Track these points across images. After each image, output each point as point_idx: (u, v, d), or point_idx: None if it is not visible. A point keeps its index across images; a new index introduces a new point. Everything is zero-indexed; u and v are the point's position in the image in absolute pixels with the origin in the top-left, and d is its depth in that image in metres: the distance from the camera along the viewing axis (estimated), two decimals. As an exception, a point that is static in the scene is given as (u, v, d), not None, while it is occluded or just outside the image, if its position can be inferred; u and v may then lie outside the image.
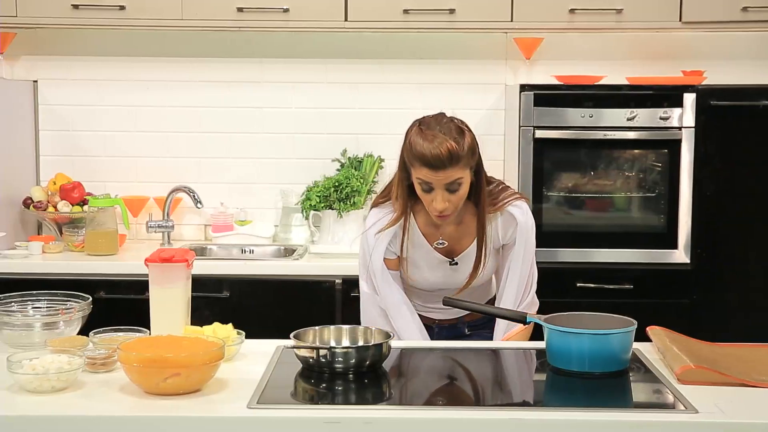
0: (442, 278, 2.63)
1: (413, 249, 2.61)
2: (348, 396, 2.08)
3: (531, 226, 2.63)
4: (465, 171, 2.44)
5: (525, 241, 2.61)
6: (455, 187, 2.43)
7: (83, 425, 1.85)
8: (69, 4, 3.69)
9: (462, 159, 2.41)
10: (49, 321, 2.27)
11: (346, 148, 4.07)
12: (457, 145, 2.40)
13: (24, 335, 2.25)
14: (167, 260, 2.30)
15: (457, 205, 2.48)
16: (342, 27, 3.74)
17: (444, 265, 2.62)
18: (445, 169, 2.39)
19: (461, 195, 2.47)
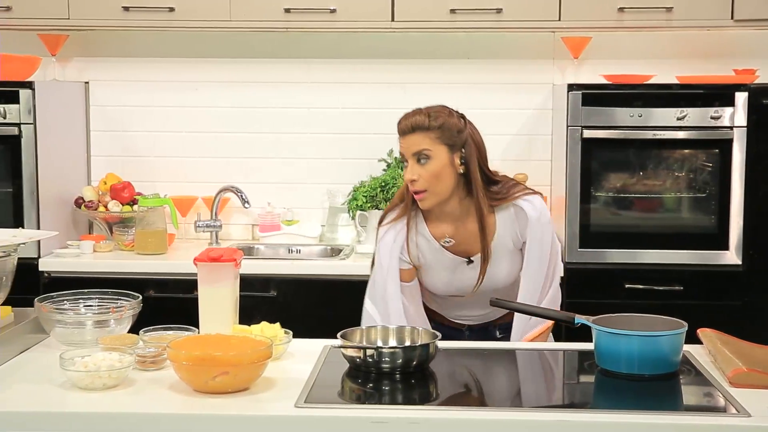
0: (459, 281, 2.61)
1: (423, 249, 2.60)
2: (395, 396, 2.08)
3: (546, 221, 2.58)
4: (436, 145, 2.48)
5: (540, 237, 2.56)
6: (423, 158, 2.47)
7: (133, 422, 1.87)
8: (119, 6, 3.73)
9: (429, 129, 2.47)
10: (100, 319, 2.30)
11: (392, 149, 4.06)
12: (428, 117, 2.49)
13: (76, 333, 2.28)
14: (216, 260, 2.31)
15: (429, 181, 2.48)
16: (389, 27, 3.75)
17: (461, 266, 2.60)
18: (411, 134, 2.48)
19: (431, 170, 2.47)
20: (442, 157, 2.48)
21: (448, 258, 2.60)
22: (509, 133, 4.11)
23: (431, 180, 2.48)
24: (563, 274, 2.88)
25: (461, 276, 2.61)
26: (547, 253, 2.58)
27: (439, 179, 2.49)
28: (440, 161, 2.48)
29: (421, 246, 2.61)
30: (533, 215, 2.55)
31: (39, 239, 3.32)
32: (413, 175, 2.48)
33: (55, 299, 2.38)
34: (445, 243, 2.59)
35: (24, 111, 3.62)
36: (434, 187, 2.49)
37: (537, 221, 2.55)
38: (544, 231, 2.57)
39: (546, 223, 2.58)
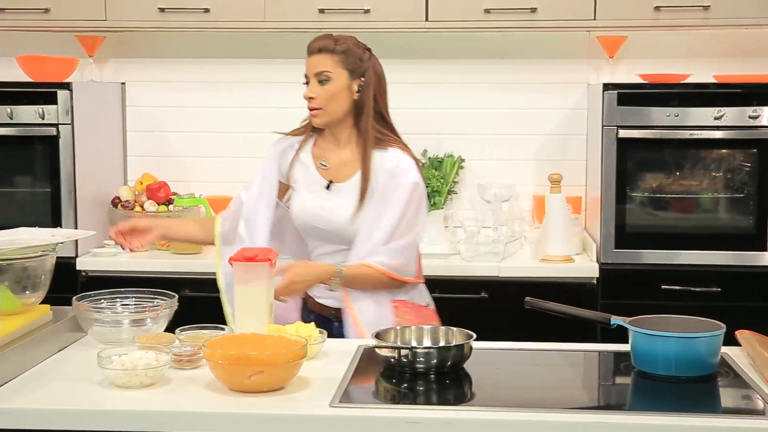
0: (317, 208, 2.69)
1: (299, 166, 2.75)
2: (429, 396, 2.07)
3: (408, 182, 2.63)
4: (337, 69, 2.64)
5: (397, 194, 2.61)
6: (323, 78, 2.63)
7: (169, 421, 1.89)
8: (155, 8, 3.76)
9: (334, 53, 2.64)
10: (137, 318, 2.32)
11: (426, 149, 4.06)
12: (334, 42, 2.66)
13: (113, 332, 2.30)
14: (251, 259, 2.32)
15: (327, 100, 2.63)
16: (423, 27, 3.74)
17: (321, 191, 2.70)
18: (317, 54, 2.66)
19: (329, 91, 2.63)
20: (341, 80, 2.64)
21: (314, 179, 2.72)
22: (543, 133, 4.09)
23: (328, 99, 2.64)
24: None
25: (319, 202, 2.70)
26: (398, 211, 2.62)
27: (335, 100, 2.65)
28: (339, 84, 2.64)
29: (299, 163, 2.76)
30: (393, 165, 2.64)
31: (76, 239, 3.36)
32: (312, 93, 2.65)
33: (93, 298, 2.40)
34: (321, 165, 2.73)
35: (62, 112, 3.66)
36: (329, 107, 2.65)
37: (395, 171, 2.63)
38: (400, 186, 2.62)
39: (407, 184, 2.63)
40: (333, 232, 2.69)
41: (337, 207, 2.68)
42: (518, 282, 3.55)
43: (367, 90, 2.68)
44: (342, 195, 2.69)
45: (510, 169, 4.08)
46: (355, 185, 2.67)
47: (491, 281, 3.58)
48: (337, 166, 2.72)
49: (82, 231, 2.55)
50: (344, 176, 2.71)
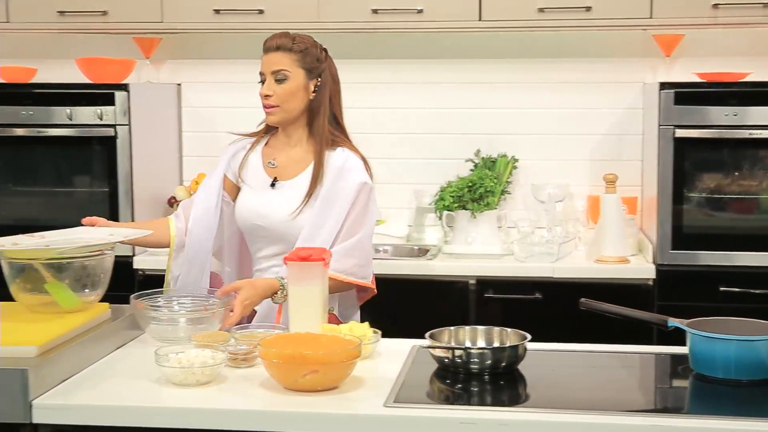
0: (259, 205, 2.66)
1: (248, 166, 2.74)
2: (483, 397, 2.07)
3: (355, 182, 2.62)
4: (295, 68, 2.63)
5: (340, 187, 2.60)
6: (280, 77, 2.62)
7: (225, 418, 1.90)
8: (211, 10, 3.80)
9: (292, 51, 2.63)
10: (193, 317, 2.34)
11: (479, 149, 4.05)
12: (292, 41, 2.65)
13: (170, 330, 2.33)
14: (305, 259, 2.33)
15: (282, 98, 2.62)
16: (476, 27, 3.73)
17: (265, 189, 2.68)
18: (275, 52, 2.64)
19: (286, 89, 2.62)
20: (298, 79, 2.64)
21: (260, 178, 2.71)
22: (598, 133, 4.06)
23: (284, 97, 2.63)
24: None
25: (264, 200, 2.67)
26: (344, 211, 2.60)
27: (292, 98, 2.64)
28: (296, 82, 2.64)
29: (248, 163, 2.74)
30: (348, 167, 2.64)
31: (133, 237, 3.39)
32: (269, 90, 2.64)
33: (150, 297, 2.43)
34: (269, 164, 2.72)
35: (119, 112, 3.72)
36: (285, 105, 2.64)
37: (349, 173, 2.63)
38: (349, 189, 2.61)
39: (355, 183, 2.62)
40: (274, 230, 2.65)
41: (279, 204, 2.64)
42: (572, 283, 3.52)
43: (323, 90, 2.68)
44: (286, 193, 2.66)
45: (564, 169, 4.05)
46: (302, 183, 2.65)
47: (545, 282, 3.56)
48: (285, 164, 2.70)
49: (140, 230, 2.58)
50: (291, 174, 2.69)
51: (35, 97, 3.78)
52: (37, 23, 3.89)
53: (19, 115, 3.76)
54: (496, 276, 3.58)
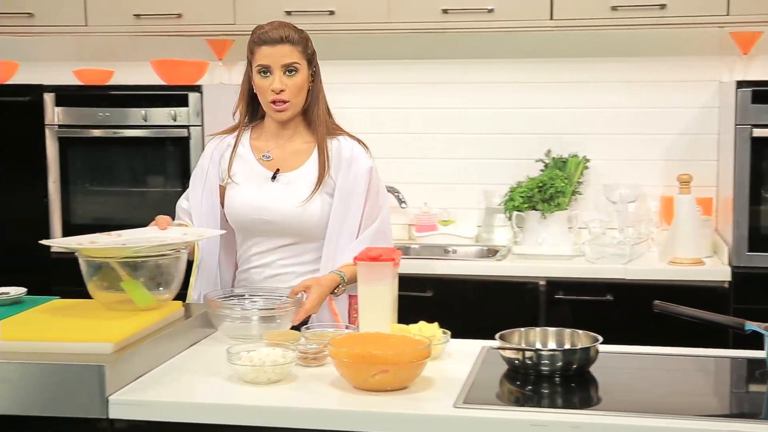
0: (263, 200, 2.58)
1: (238, 161, 2.64)
2: (554, 399, 2.05)
3: (364, 169, 2.60)
4: (302, 60, 2.56)
5: (353, 178, 2.58)
6: (292, 69, 2.53)
7: (295, 417, 1.92)
8: (282, 11, 3.84)
9: (297, 41, 2.55)
10: (265, 315, 2.36)
11: (550, 149, 4.02)
12: (294, 31, 2.57)
13: (242, 328, 2.35)
14: (375, 259, 2.34)
15: (294, 93, 2.54)
16: (547, 26, 3.70)
17: (265, 183, 2.60)
18: (281, 44, 2.53)
19: (297, 83, 2.54)
20: (304, 71, 2.58)
21: (256, 172, 2.62)
22: (672, 133, 3.99)
23: (296, 91, 2.56)
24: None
25: (267, 194, 2.59)
26: (362, 201, 2.59)
27: (301, 92, 2.58)
28: (303, 75, 2.57)
29: (238, 158, 2.65)
30: (355, 155, 2.61)
31: (207, 237, 3.44)
32: (282, 85, 2.53)
33: (224, 295, 2.47)
34: (264, 158, 2.63)
35: (193, 113, 3.78)
36: (296, 99, 2.57)
37: (358, 162, 2.60)
38: (362, 177, 2.59)
39: (364, 170, 2.60)
40: (281, 223, 2.58)
41: (286, 196, 2.58)
42: (645, 284, 3.47)
43: (319, 79, 2.63)
44: (291, 185, 2.60)
45: (636, 170, 3.99)
46: (307, 173, 2.60)
47: (617, 283, 3.51)
48: (284, 157, 2.63)
49: (212, 230, 2.62)
50: (293, 165, 2.62)
51: (112, 98, 3.86)
52: (114, 26, 3.97)
53: (96, 116, 3.85)
54: (566, 277, 3.55)
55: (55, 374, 1.95)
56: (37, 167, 3.88)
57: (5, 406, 1.97)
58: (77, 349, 2.02)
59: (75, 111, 3.87)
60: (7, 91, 3.94)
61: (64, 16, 3.99)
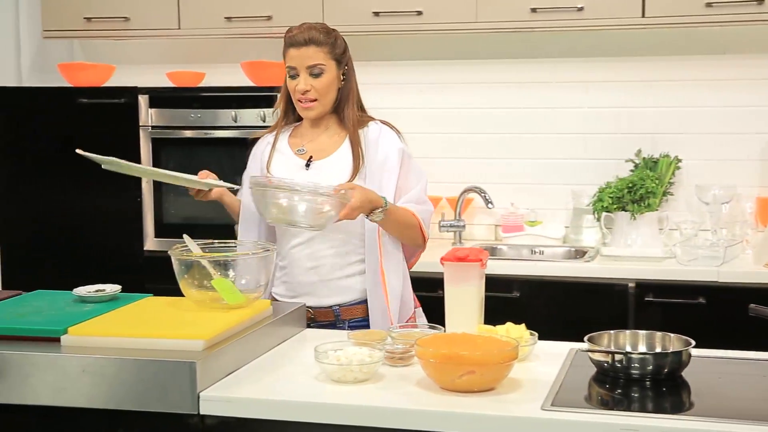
0: None
1: (277, 156, 2.74)
2: (645, 404, 2.01)
3: (395, 149, 2.67)
4: (328, 60, 2.63)
5: (383, 158, 2.64)
6: (317, 71, 2.62)
7: (382, 416, 1.92)
8: (370, 12, 3.86)
9: (323, 42, 2.63)
10: (310, 200, 2.39)
11: (640, 148, 3.95)
12: (321, 33, 2.64)
13: (288, 211, 2.37)
14: (462, 259, 2.33)
15: (320, 92, 2.63)
16: (639, 24, 3.64)
17: (299, 171, 2.66)
18: (306, 47, 2.62)
19: (323, 84, 2.63)
20: (332, 71, 2.65)
21: (292, 163, 2.70)
22: (768, 132, 3.89)
23: (322, 91, 2.64)
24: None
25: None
26: (394, 178, 2.64)
27: (329, 91, 2.65)
28: (331, 75, 2.65)
29: (277, 153, 2.74)
30: (383, 137, 2.68)
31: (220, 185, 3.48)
32: (306, 86, 2.63)
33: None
34: (299, 151, 2.71)
35: (281, 114, 3.82)
36: (323, 98, 2.66)
37: (387, 143, 2.67)
38: (393, 156, 2.65)
39: (395, 150, 2.66)
40: None
41: (317, 180, 2.59)
42: (739, 288, 3.38)
43: (350, 77, 2.71)
44: (323, 171, 2.66)
45: (731, 170, 3.90)
46: (339, 160, 2.66)
47: (710, 286, 3.43)
48: (317, 147, 2.71)
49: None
50: (325, 154, 2.69)
51: (203, 100, 3.93)
52: (206, 29, 4.05)
53: (188, 117, 3.93)
54: (656, 279, 3.48)
55: (148, 370, 2.00)
56: (132, 168, 3.97)
57: (101, 400, 2.03)
58: (170, 346, 2.07)
59: (168, 112, 3.96)
60: (103, 93, 4.05)
61: (158, 19, 4.08)
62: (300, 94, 2.65)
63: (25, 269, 4.10)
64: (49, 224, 4.06)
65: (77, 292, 2.43)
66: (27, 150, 4.09)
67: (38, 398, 2.05)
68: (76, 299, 2.42)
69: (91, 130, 4.00)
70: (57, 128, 4.05)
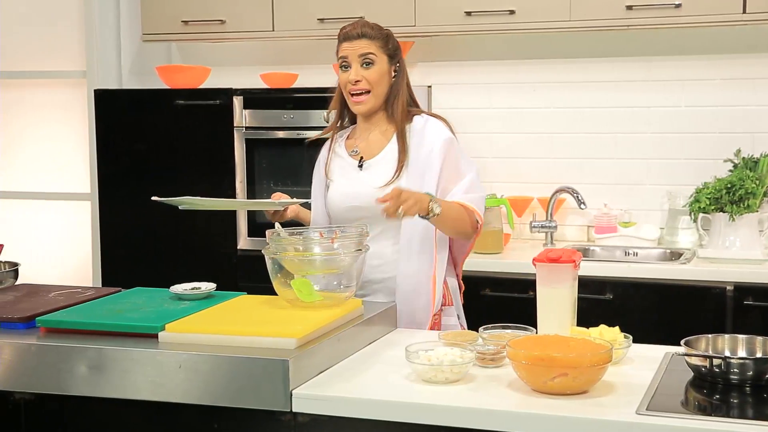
0: (349, 187, 2.72)
1: (335, 159, 2.80)
2: (744, 410, 1.96)
3: (440, 139, 2.67)
4: (380, 53, 2.69)
5: (428, 150, 2.65)
6: (368, 62, 2.67)
7: (473, 417, 1.92)
8: (462, 12, 3.85)
9: (375, 37, 2.69)
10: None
11: (740, 148, 3.84)
12: (373, 28, 2.71)
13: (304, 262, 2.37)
14: (555, 260, 2.31)
15: (372, 83, 2.67)
16: (739, 20, 3.54)
17: (353, 171, 2.74)
18: (359, 39, 2.68)
19: (374, 74, 2.67)
20: (383, 64, 2.70)
21: (347, 164, 2.77)
22: None
23: (374, 82, 2.68)
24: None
25: (352, 181, 2.73)
26: (437, 169, 2.64)
27: (380, 83, 2.69)
28: (382, 67, 2.70)
29: (335, 156, 2.81)
30: (429, 127, 2.69)
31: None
32: (357, 76, 2.67)
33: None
34: (353, 153, 2.77)
35: (372, 115, 3.83)
36: (376, 89, 2.69)
37: (432, 133, 2.68)
38: (437, 148, 2.66)
39: (440, 140, 2.67)
40: (368, 208, 2.63)
41: (370, 181, 2.69)
42: None
43: (402, 75, 2.74)
44: (373, 169, 2.71)
45: (836, 170, 3.76)
46: (387, 156, 2.70)
47: (813, 290, 3.32)
48: (367, 146, 2.76)
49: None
50: (375, 152, 2.74)
51: (295, 101, 3.98)
52: (300, 31, 4.10)
53: (281, 118, 3.98)
54: (756, 282, 3.38)
55: (242, 367, 2.03)
56: (226, 168, 4.05)
57: (197, 395, 2.07)
58: (263, 344, 2.10)
59: (261, 113, 4.02)
60: (199, 95, 4.13)
61: (252, 21, 4.14)
62: (351, 85, 2.69)
63: (124, 267, 4.21)
64: (147, 223, 4.16)
65: (174, 290, 2.49)
66: (126, 150, 4.20)
67: (138, 393, 2.10)
68: (172, 296, 2.48)
69: (187, 131, 4.09)
70: (154, 129, 4.15)
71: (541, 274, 2.33)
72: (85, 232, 4.58)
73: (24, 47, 4.72)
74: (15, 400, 2.21)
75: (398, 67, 2.74)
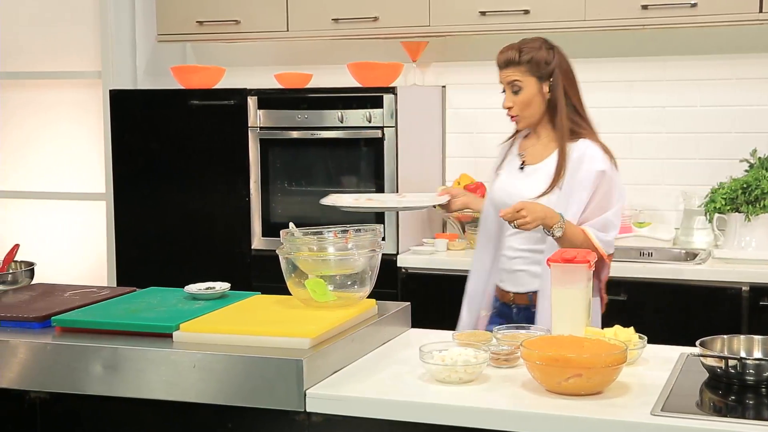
0: (508, 185, 2.88)
1: (509, 158, 2.96)
2: (760, 411, 1.95)
3: (593, 170, 2.74)
4: (526, 77, 2.81)
5: (580, 178, 2.72)
6: (515, 88, 2.83)
7: (486, 417, 1.92)
8: (476, 12, 3.84)
9: (520, 64, 2.81)
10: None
11: (756, 148, 3.82)
12: (518, 53, 2.82)
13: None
14: (569, 261, 2.30)
15: (522, 108, 2.83)
16: (756, 19, 3.52)
17: (515, 171, 2.90)
18: (506, 68, 2.84)
19: (522, 98, 2.82)
20: (531, 87, 2.82)
21: (513, 163, 2.93)
22: None
23: (522, 107, 2.84)
24: None
25: (513, 181, 2.88)
26: (585, 199, 2.72)
27: (529, 106, 2.83)
28: (530, 91, 2.82)
29: (510, 155, 2.97)
30: (587, 157, 2.75)
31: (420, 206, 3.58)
32: (508, 102, 2.86)
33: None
34: (520, 155, 2.93)
35: (387, 115, 3.84)
36: (524, 113, 2.85)
37: (588, 163, 2.75)
38: (588, 177, 2.73)
39: (593, 171, 2.74)
40: None
41: (526, 185, 2.82)
42: None
43: (557, 89, 2.82)
44: (532, 176, 2.85)
45: None
46: (545, 168, 2.82)
47: (834, 292, 3.30)
48: (533, 152, 2.90)
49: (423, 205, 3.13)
50: (537, 159, 2.87)
51: (310, 101, 3.98)
52: (314, 31, 4.10)
53: (295, 118, 3.98)
54: (776, 285, 3.36)
55: (256, 367, 2.04)
56: (240, 168, 4.05)
57: (211, 395, 2.08)
58: (277, 344, 2.10)
59: (275, 113, 4.02)
60: (214, 95, 4.14)
61: (267, 22, 4.15)
62: (504, 108, 2.88)
63: (139, 267, 4.23)
64: (161, 223, 4.18)
65: (188, 290, 2.49)
66: (141, 150, 4.22)
67: (152, 392, 2.11)
68: (187, 296, 2.49)
69: (201, 132, 4.10)
70: (169, 129, 4.17)
71: (556, 275, 2.33)
72: (100, 231, 4.60)
73: (40, 48, 4.74)
74: (30, 399, 2.22)
75: (552, 83, 2.82)
